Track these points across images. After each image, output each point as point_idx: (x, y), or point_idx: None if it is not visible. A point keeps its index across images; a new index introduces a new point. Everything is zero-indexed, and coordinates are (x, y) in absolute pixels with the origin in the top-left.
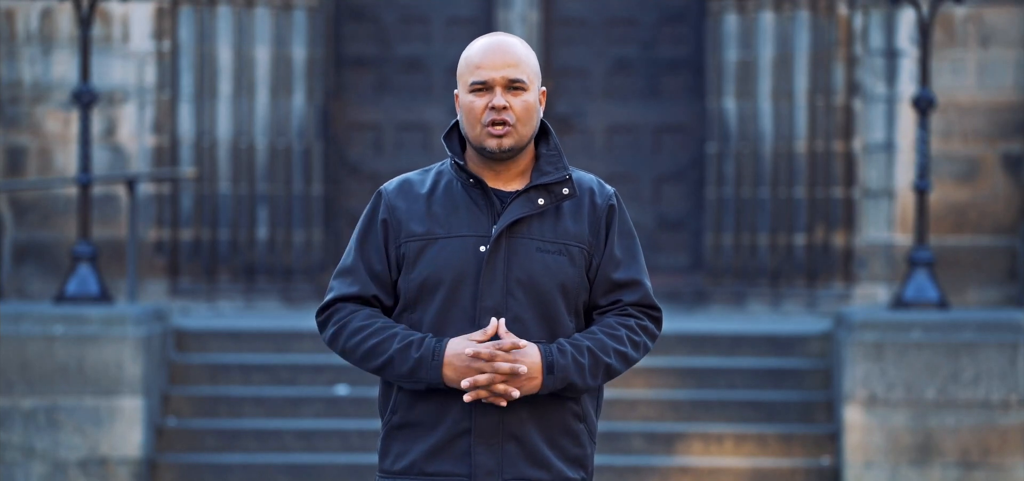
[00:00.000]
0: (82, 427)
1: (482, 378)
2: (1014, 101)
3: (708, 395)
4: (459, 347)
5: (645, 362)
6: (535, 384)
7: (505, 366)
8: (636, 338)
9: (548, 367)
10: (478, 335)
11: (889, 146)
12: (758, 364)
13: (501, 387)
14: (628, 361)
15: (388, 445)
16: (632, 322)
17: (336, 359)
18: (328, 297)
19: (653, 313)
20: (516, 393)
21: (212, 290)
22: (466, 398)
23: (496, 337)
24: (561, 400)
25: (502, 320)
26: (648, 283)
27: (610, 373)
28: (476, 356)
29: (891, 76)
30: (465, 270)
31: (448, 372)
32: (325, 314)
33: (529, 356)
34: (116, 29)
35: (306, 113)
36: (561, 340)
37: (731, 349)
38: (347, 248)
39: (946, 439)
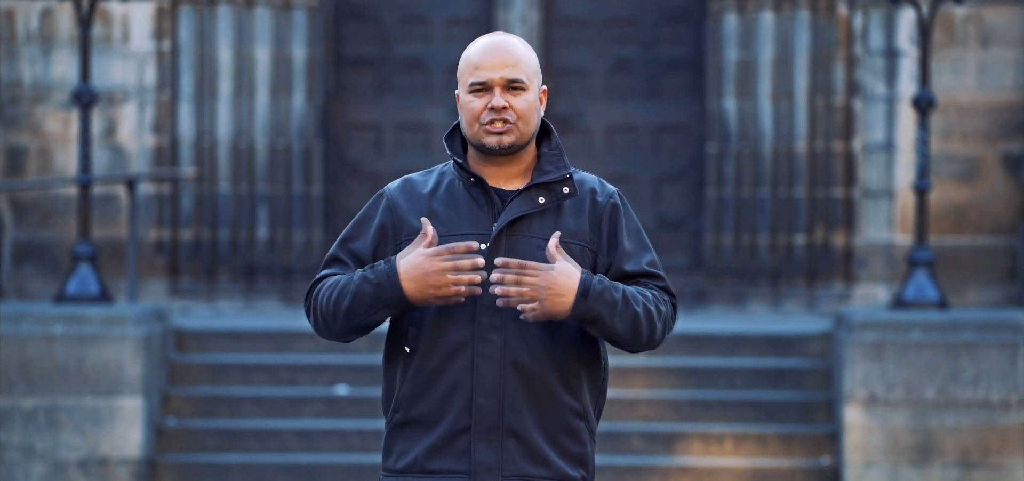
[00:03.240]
0: (82, 427)
1: (512, 289)
2: (1014, 101)
3: (708, 395)
4: (411, 254)
5: (645, 362)
6: (565, 306)
7: (465, 263)
8: (661, 308)
9: (583, 292)
10: (420, 241)
11: (889, 146)
12: (758, 364)
13: (514, 291)
14: (651, 325)
15: (391, 443)
16: (655, 293)
17: (336, 359)
18: (312, 282)
19: (672, 300)
20: (533, 306)
21: (212, 290)
22: (499, 304)
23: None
24: (562, 397)
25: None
26: (663, 273)
27: (636, 326)
28: (437, 256)
29: (891, 76)
30: None
31: (408, 286)
32: (306, 303)
33: (569, 275)
34: (116, 29)
35: (306, 113)
36: (600, 274)
37: (731, 349)
38: (338, 238)
39: (946, 439)
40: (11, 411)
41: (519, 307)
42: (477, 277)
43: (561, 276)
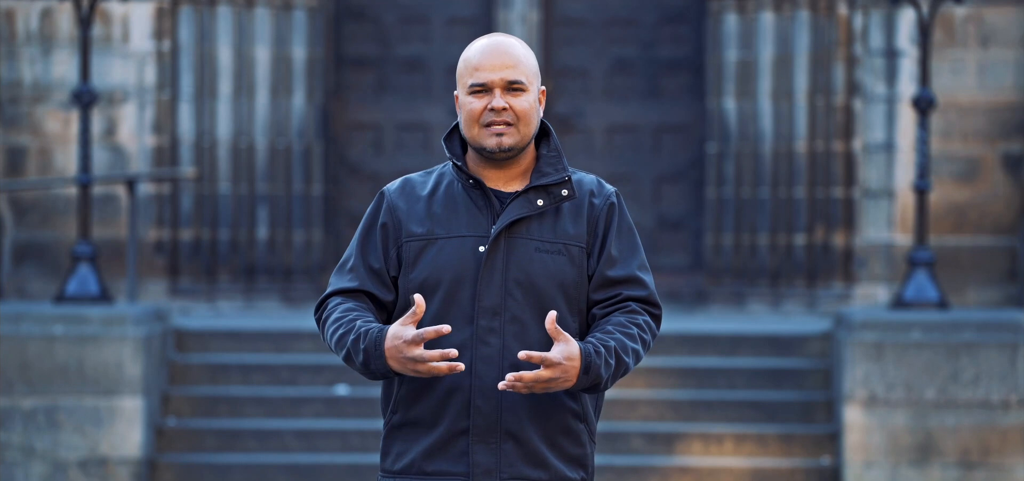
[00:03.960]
0: (82, 427)
1: (522, 385)
2: (1014, 101)
3: (708, 395)
4: (395, 338)
5: (645, 362)
6: (570, 383)
7: (442, 366)
8: (645, 337)
9: (586, 368)
10: (408, 318)
11: (889, 146)
12: (758, 364)
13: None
14: (639, 360)
15: (389, 444)
16: (641, 319)
17: (336, 359)
18: (323, 294)
19: (654, 310)
20: (509, 377)
21: (212, 290)
22: (500, 386)
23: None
24: (560, 399)
25: (556, 316)
26: (649, 280)
27: (625, 372)
28: (414, 350)
29: (891, 76)
30: (464, 270)
31: (393, 365)
32: (318, 312)
33: (570, 357)
34: (116, 29)
35: (306, 113)
36: (590, 339)
37: (731, 349)
38: (349, 246)
39: (946, 439)
40: (11, 411)
41: (509, 387)
42: (458, 366)
43: (567, 362)
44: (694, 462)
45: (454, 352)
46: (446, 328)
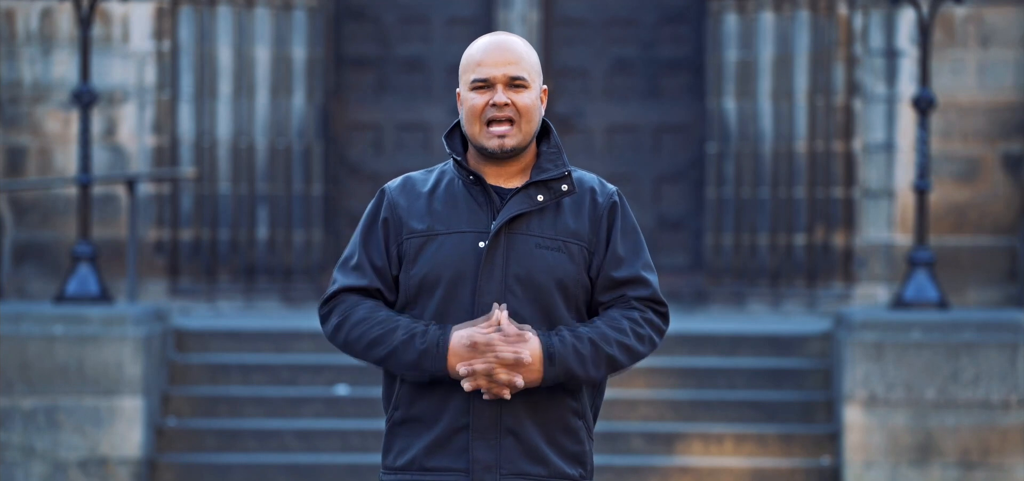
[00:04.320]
0: (82, 427)
1: (480, 365)
2: (1014, 101)
3: (708, 395)
4: (464, 337)
5: (645, 362)
6: (536, 376)
7: (508, 354)
8: (640, 331)
9: (548, 357)
10: (482, 323)
11: (889, 146)
12: (758, 364)
13: (503, 376)
14: (632, 354)
15: (391, 441)
16: (636, 314)
17: (336, 359)
18: (332, 289)
19: (659, 308)
20: (520, 382)
21: (212, 290)
22: (466, 387)
23: (499, 326)
24: (560, 397)
25: (504, 307)
26: (653, 279)
27: (613, 365)
28: (475, 345)
29: (891, 76)
30: (464, 266)
31: (453, 361)
32: (329, 306)
33: (530, 345)
34: (116, 29)
35: (306, 113)
36: (561, 329)
37: (731, 349)
38: (350, 242)
39: (946, 439)
40: (11, 411)
41: (504, 390)
42: (502, 392)
43: (528, 346)
44: (694, 462)
45: (530, 331)
46: (529, 329)
